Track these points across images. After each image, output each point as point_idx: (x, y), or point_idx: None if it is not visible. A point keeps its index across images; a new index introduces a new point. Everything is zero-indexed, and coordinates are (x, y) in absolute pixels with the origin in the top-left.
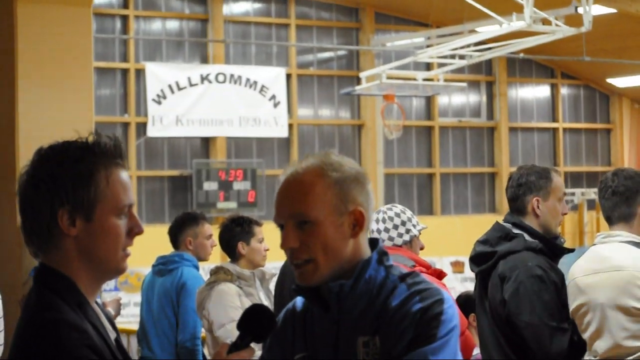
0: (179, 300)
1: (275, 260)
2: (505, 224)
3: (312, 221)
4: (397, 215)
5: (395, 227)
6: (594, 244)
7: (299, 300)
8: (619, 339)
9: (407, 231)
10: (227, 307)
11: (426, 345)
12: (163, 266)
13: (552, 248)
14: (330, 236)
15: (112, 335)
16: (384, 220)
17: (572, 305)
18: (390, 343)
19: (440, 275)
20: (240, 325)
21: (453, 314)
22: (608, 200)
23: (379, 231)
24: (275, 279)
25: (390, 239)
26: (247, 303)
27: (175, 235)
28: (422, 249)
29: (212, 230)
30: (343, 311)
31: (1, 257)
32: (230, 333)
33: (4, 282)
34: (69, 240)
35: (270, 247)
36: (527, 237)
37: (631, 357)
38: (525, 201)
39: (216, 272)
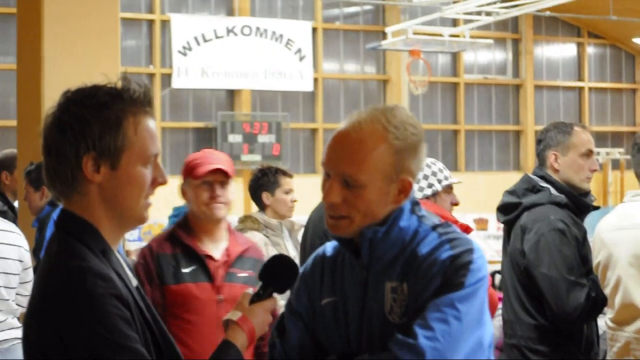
0: None
1: (303, 214)
2: (533, 176)
3: (360, 185)
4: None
5: (417, 180)
6: (623, 202)
7: (329, 246)
8: (633, 297)
9: (430, 185)
10: None
11: (453, 292)
12: None
13: (577, 204)
14: (373, 201)
15: (134, 283)
16: None
17: (595, 260)
18: (417, 289)
19: (467, 230)
20: (262, 275)
21: (482, 264)
22: (635, 157)
23: None
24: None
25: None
26: (273, 252)
27: None
28: (455, 204)
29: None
30: (374, 257)
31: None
32: None
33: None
34: (93, 187)
35: (298, 200)
36: (553, 190)
37: None
38: (545, 156)
39: (244, 220)
